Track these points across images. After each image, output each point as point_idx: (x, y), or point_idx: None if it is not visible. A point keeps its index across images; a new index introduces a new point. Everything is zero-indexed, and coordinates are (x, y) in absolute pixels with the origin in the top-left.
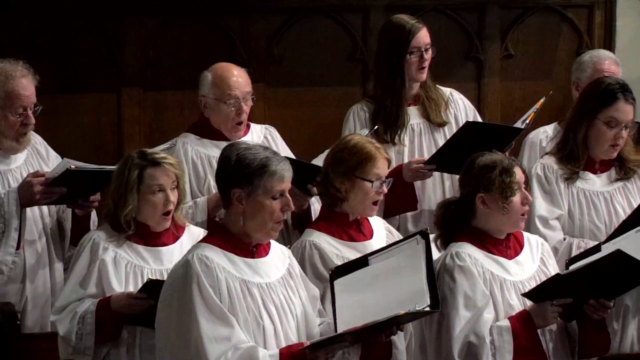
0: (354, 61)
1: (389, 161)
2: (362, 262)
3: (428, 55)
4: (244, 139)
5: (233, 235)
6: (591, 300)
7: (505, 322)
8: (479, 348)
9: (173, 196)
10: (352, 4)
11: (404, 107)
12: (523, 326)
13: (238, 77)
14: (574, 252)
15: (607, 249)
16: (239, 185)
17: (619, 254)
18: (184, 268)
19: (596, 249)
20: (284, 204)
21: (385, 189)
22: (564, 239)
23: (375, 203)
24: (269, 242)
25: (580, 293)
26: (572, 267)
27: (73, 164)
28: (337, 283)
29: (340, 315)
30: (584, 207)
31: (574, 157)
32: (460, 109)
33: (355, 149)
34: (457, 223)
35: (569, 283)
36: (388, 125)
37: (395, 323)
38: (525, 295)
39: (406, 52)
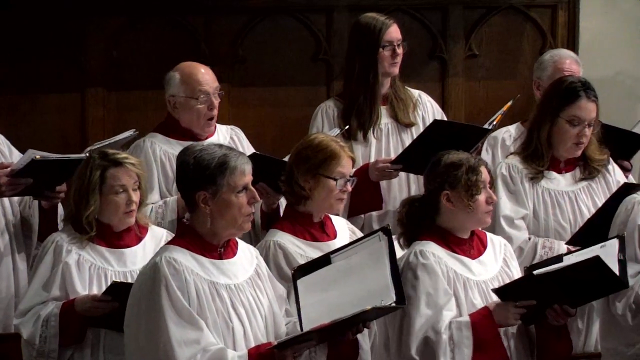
0: (318, 61)
1: (353, 160)
2: (324, 261)
3: (400, 51)
4: (211, 140)
5: (200, 236)
6: (555, 305)
7: (465, 318)
8: (436, 344)
9: (135, 196)
10: (316, 4)
11: (378, 104)
12: (483, 322)
13: (205, 74)
14: (539, 252)
15: (569, 261)
16: (203, 188)
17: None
18: (152, 271)
19: (558, 259)
20: (249, 196)
21: (349, 188)
22: (529, 239)
23: (339, 201)
24: (237, 243)
25: (546, 297)
26: (545, 269)
27: (38, 154)
28: (300, 282)
29: (305, 315)
30: (549, 206)
31: (539, 156)
32: (428, 111)
33: (320, 147)
34: (421, 221)
35: (540, 285)
36: (361, 122)
37: (361, 319)
38: (495, 290)
39: (379, 46)
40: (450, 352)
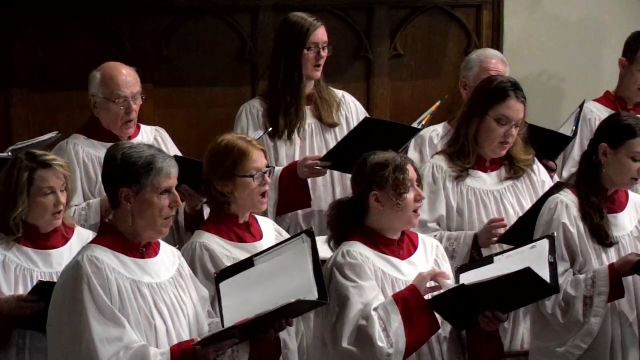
0: (243, 61)
1: (264, 152)
2: (247, 263)
3: (324, 53)
4: (135, 140)
5: (122, 235)
6: (486, 311)
7: (388, 298)
8: (369, 327)
9: (63, 197)
10: (241, 4)
11: (303, 104)
12: (406, 294)
13: (127, 76)
14: (444, 244)
15: (499, 261)
16: (126, 184)
17: (528, 272)
18: (74, 269)
19: (489, 259)
20: (171, 200)
21: (268, 179)
22: (435, 235)
23: (263, 195)
24: (159, 243)
25: (477, 304)
26: (476, 280)
27: None
28: (223, 285)
29: (227, 315)
30: (474, 205)
31: (465, 153)
32: (352, 111)
33: (227, 149)
34: (350, 223)
35: (470, 294)
36: (287, 122)
37: (285, 314)
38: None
39: (304, 47)
40: (383, 332)
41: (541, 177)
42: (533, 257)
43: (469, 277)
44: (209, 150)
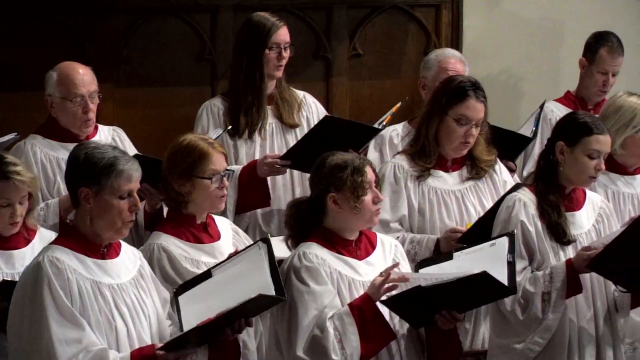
0: (203, 61)
1: (225, 155)
2: (205, 276)
3: (286, 54)
4: (92, 140)
5: (83, 235)
6: (443, 311)
7: (344, 307)
8: (324, 339)
9: (21, 209)
10: (200, 4)
11: (264, 103)
12: (360, 303)
13: (83, 75)
14: (406, 247)
15: (458, 258)
16: (87, 184)
17: (485, 276)
18: (35, 270)
19: (448, 256)
20: (131, 203)
21: (226, 183)
22: (399, 237)
23: (221, 197)
24: (120, 244)
25: (435, 303)
26: (434, 281)
27: None
28: (182, 298)
29: (187, 325)
30: (435, 205)
31: (426, 153)
32: (313, 112)
33: (188, 149)
34: (308, 223)
35: (427, 295)
36: (248, 121)
37: (244, 313)
38: (382, 302)
39: (266, 47)
40: (338, 344)
41: (503, 177)
42: (492, 256)
43: (428, 272)
44: (170, 149)
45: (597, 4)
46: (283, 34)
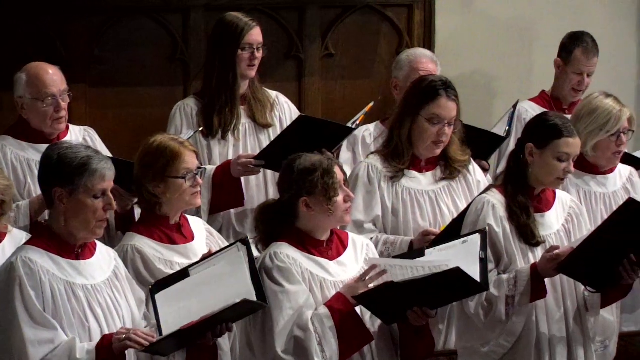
0: (175, 61)
1: (196, 153)
2: (182, 274)
3: (259, 54)
4: (64, 140)
5: (58, 236)
6: (415, 307)
7: (323, 309)
8: (306, 341)
9: None
10: (172, 5)
11: (237, 104)
12: (342, 307)
13: (53, 75)
14: (380, 248)
15: (430, 254)
16: (60, 184)
17: (458, 272)
18: (7, 271)
19: (420, 252)
20: (105, 203)
21: (200, 181)
22: (372, 238)
23: (195, 195)
24: (95, 244)
25: (407, 300)
26: (407, 277)
27: None
28: (159, 296)
29: (165, 324)
30: (409, 205)
31: (399, 154)
32: (286, 112)
33: (159, 149)
34: (278, 225)
35: (400, 291)
36: (222, 121)
37: (226, 318)
38: (355, 298)
39: (238, 47)
40: (319, 346)
41: (477, 178)
42: (464, 252)
43: (403, 262)
44: (141, 151)
45: (569, 4)
46: (256, 35)
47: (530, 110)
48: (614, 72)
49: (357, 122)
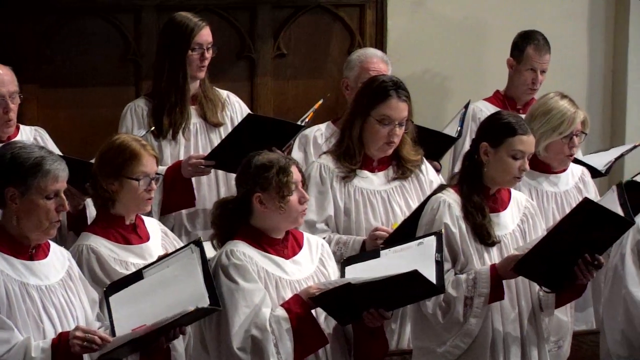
0: (127, 61)
1: (157, 158)
2: (136, 276)
3: (209, 54)
4: (18, 140)
5: (11, 236)
6: (371, 308)
7: (281, 311)
8: (263, 341)
9: None
10: (123, 4)
11: (187, 103)
12: (300, 310)
13: (3, 76)
14: (332, 248)
15: (386, 256)
16: (13, 184)
17: (415, 274)
18: None
19: (374, 253)
20: (58, 204)
21: (154, 186)
22: (324, 238)
23: (147, 200)
24: (49, 244)
25: (363, 301)
26: (363, 279)
27: None
28: (113, 299)
29: (118, 327)
30: (361, 205)
31: (351, 154)
32: (237, 111)
33: (120, 147)
34: (235, 222)
35: (356, 292)
36: (172, 121)
37: (180, 322)
38: (312, 299)
39: (188, 47)
40: (275, 347)
41: (429, 177)
42: (420, 255)
43: (355, 270)
44: (103, 146)
45: (520, 4)
46: (205, 35)
47: (485, 110)
48: (565, 71)
49: (307, 120)
